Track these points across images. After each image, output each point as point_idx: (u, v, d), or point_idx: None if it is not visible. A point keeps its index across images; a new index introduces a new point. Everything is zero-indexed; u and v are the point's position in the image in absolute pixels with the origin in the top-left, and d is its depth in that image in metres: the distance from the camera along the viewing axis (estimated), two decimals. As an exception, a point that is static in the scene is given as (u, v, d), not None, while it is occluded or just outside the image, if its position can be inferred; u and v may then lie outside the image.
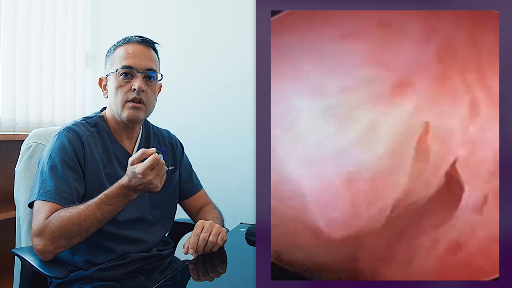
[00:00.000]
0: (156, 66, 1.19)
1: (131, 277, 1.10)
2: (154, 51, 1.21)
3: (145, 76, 1.15)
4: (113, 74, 1.15)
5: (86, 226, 0.97)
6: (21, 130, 1.92)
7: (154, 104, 1.20)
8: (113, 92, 1.14)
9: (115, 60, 1.15)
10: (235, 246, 1.19)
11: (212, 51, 2.16)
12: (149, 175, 0.96)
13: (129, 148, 1.21)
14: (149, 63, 1.16)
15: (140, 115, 1.15)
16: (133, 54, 1.14)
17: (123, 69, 1.13)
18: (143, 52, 1.16)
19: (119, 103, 1.14)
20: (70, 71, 2.24)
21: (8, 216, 1.67)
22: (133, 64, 1.13)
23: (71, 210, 0.98)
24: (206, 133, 2.14)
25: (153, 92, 1.18)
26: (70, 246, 0.98)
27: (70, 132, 1.11)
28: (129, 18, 2.34)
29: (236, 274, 1.01)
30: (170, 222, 1.29)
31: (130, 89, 1.13)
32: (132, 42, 1.16)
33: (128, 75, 1.13)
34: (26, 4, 1.95)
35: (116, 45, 1.18)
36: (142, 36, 1.19)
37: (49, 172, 1.04)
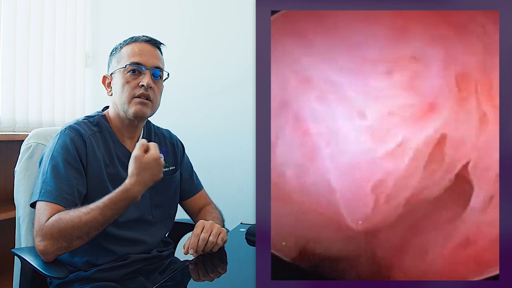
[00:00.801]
0: (162, 66, 1.21)
1: (131, 277, 1.10)
2: (160, 51, 1.22)
3: (152, 74, 1.16)
4: (120, 71, 1.15)
5: (87, 230, 0.97)
6: (21, 130, 1.92)
7: (159, 103, 1.21)
8: (120, 88, 1.14)
9: (122, 57, 1.16)
10: (235, 246, 1.19)
11: (212, 51, 2.16)
12: (149, 160, 0.98)
13: (130, 148, 1.20)
14: (156, 61, 1.18)
15: (147, 111, 1.15)
16: (141, 52, 1.16)
17: (131, 66, 1.14)
18: (151, 50, 1.18)
19: (125, 99, 1.14)
20: (70, 71, 2.24)
21: (8, 216, 1.67)
22: (142, 61, 1.15)
23: (72, 213, 0.98)
24: (206, 133, 2.14)
25: (159, 91, 1.19)
26: (71, 248, 0.98)
27: (73, 131, 1.10)
28: (129, 18, 2.34)
29: (236, 274, 1.01)
30: (171, 223, 1.29)
31: (137, 85, 1.13)
32: (139, 41, 1.18)
33: (135, 72, 1.14)
34: (26, 4, 1.95)
35: (123, 44, 1.19)
36: (149, 36, 1.21)
37: (50, 172, 1.04)
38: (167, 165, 1.28)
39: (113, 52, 1.21)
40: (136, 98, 1.13)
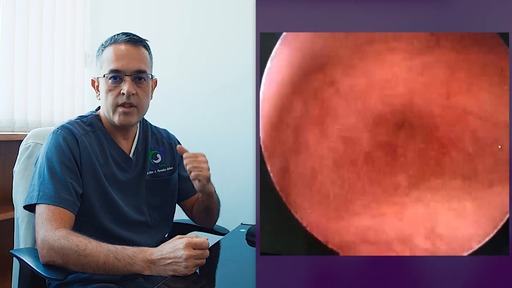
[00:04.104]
0: (147, 66, 1.15)
1: (130, 278, 1.09)
2: (146, 48, 1.16)
3: (135, 78, 1.11)
4: (102, 78, 1.12)
5: (84, 262, 0.93)
6: (20, 130, 1.91)
7: (147, 105, 1.17)
8: (104, 95, 1.12)
9: (103, 62, 1.12)
10: (236, 246, 1.19)
11: (211, 50, 2.15)
12: (188, 253, 0.89)
13: (126, 148, 1.19)
14: (137, 64, 1.12)
15: (132, 119, 1.13)
16: (121, 56, 1.10)
17: (110, 73, 1.10)
18: (131, 52, 1.12)
19: (109, 107, 1.12)
20: (69, 71, 2.23)
21: (6, 217, 1.66)
22: (121, 67, 1.10)
23: (81, 238, 0.95)
24: (206, 133, 2.13)
25: (145, 93, 1.14)
26: (65, 267, 0.96)
27: (65, 131, 1.09)
28: (128, 17, 2.33)
29: (236, 274, 1.00)
30: (170, 224, 1.28)
31: (119, 93, 1.10)
32: (119, 42, 1.12)
33: (117, 78, 1.10)
34: (25, 4, 1.94)
35: (104, 45, 1.15)
36: (130, 34, 1.14)
37: (47, 174, 1.03)
38: (164, 165, 1.27)
39: (97, 54, 1.17)
40: (120, 107, 1.10)
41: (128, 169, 1.18)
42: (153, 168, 1.24)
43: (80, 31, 2.30)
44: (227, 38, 2.12)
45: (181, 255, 0.89)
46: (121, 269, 0.93)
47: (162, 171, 1.26)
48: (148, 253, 0.92)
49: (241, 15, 2.04)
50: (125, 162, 1.18)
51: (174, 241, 0.92)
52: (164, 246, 0.92)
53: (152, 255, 0.92)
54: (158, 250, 0.92)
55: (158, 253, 0.91)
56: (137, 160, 1.21)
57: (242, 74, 2.01)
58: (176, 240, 0.92)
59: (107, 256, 0.92)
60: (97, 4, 2.38)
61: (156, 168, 1.25)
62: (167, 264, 0.90)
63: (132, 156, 1.20)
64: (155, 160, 1.25)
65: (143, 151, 1.24)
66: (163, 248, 0.92)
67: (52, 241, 0.95)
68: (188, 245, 0.90)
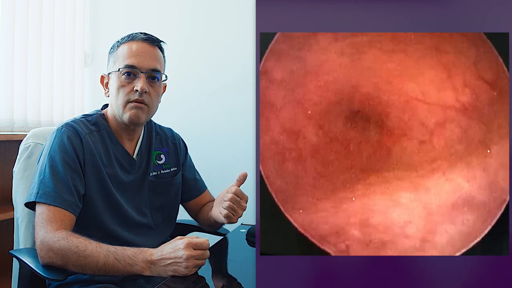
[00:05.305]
0: (161, 66, 1.15)
1: (131, 280, 1.08)
2: (160, 50, 1.16)
3: (149, 77, 1.10)
4: (116, 72, 1.11)
5: (84, 263, 0.93)
6: (19, 130, 1.91)
7: (157, 106, 1.16)
8: (115, 91, 1.10)
9: (118, 58, 1.11)
10: (236, 247, 1.19)
11: (212, 50, 2.15)
12: (189, 253, 0.88)
13: (130, 149, 1.18)
14: (153, 63, 1.11)
15: (142, 116, 1.11)
16: (137, 53, 1.10)
17: (125, 69, 1.09)
18: (148, 50, 1.12)
19: (120, 104, 1.10)
20: (69, 71, 2.23)
21: (6, 217, 1.66)
22: (137, 63, 1.09)
23: (81, 239, 0.94)
24: (206, 133, 2.13)
25: (156, 94, 1.13)
26: (65, 268, 0.95)
27: (69, 129, 1.07)
28: (128, 17, 2.33)
29: (236, 274, 1.00)
30: (172, 225, 1.27)
31: (132, 90, 1.09)
32: (136, 40, 1.12)
33: (131, 74, 1.09)
34: (24, 3, 1.94)
35: (120, 42, 1.14)
36: (148, 34, 1.14)
37: (49, 172, 1.02)
38: (168, 166, 1.26)
39: (111, 50, 1.16)
40: (131, 103, 1.09)
41: (131, 170, 1.17)
42: (157, 169, 1.23)
43: (80, 31, 2.30)
44: (227, 38, 2.12)
45: (181, 255, 0.89)
46: (121, 270, 0.92)
47: (165, 172, 1.25)
48: (148, 254, 0.92)
49: (241, 15, 2.04)
50: (128, 164, 1.17)
51: (174, 242, 0.92)
52: (164, 247, 0.92)
53: (152, 255, 0.91)
54: (158, 251, 0.92)
55: (158, 253, 0.91)
56: (140, 162, 1.20)
57: (242, 74, 2.01)
58: (176, 241, 0.92)
59: (107, 256, 0.92)
60: (97, 4, 2.38)
61: (160, 169, 1.24)
62: (167, 265, 0.90)
63: (136, 157, 1.19)
64: (159, 161, 1.24)
65: (146, 151, 1.22)
66: (163, 248, 0.92)
67: (52, 242, 0.94)
68: (189, 246, 0.89)
